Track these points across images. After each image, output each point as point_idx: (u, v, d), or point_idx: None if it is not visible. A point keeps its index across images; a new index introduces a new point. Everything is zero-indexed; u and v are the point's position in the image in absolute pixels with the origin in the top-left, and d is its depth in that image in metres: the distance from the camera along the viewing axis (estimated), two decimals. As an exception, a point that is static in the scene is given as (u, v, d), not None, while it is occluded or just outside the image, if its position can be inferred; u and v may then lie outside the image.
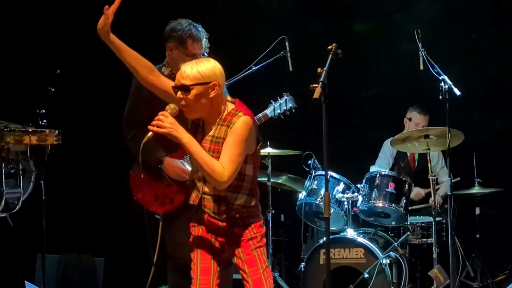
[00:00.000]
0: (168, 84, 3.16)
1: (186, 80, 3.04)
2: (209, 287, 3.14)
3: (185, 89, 3.03)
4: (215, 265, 3.19)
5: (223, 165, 2.97)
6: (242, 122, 3.06)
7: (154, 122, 3.00)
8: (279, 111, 4.28)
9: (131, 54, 3.05)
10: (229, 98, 3.15)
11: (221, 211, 3.10)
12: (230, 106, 3.09)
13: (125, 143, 3.87)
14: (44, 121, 3.83)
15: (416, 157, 5.65)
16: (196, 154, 3.00)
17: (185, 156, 3.80)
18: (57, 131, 3.78)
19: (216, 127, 3.07)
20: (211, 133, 3.09)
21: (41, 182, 4.15)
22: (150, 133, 3.03)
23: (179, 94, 3.03)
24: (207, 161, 3.00)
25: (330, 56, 3.15)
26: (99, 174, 5.87)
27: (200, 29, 3.78)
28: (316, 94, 3.00)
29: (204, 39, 3.77)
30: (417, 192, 5.39)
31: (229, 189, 3.07)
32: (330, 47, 3.19)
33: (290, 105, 4.26)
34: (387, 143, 5.57)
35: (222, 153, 3.02)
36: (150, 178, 3.81)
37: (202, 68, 3.07)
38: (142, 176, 3.72)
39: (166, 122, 3.01)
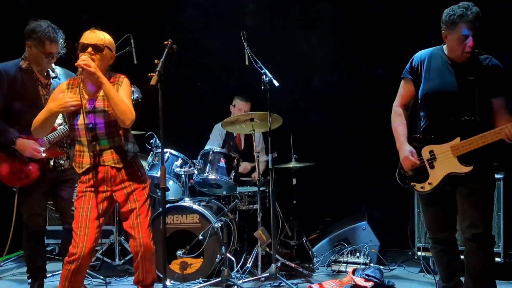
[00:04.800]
0: None
1: (101, 42, 3.33)
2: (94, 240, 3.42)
3: (98, 48, 3.33)
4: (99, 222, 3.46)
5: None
6: (127, 80, 3.47)
7: (81, 63, 3.19)
8: None
9: None
10: None
11: (120, 160, 3.42)
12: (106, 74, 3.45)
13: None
14: None
15: (242, 137, 6.07)
16: (113, 92, 3.30)
17: (43, 139, 3.99)
18: None
19: None
20: (101, 93, 3.40)
21: None
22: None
23: (90, 50, 3.29)
24: (122, 100, 3.32)
25: (166, 49, 3.50)
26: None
27: (58, 31, 3.98)
28: (153, 82, 3.25)
29: (61, 40, 3.97)
30: (244, 166, 5.83)
31: (123, 138, 3.43)
32: (166, 42, 3.50)
33: (137, 95, 4.54)
34: (217, 126, 5.96)
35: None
36: (7, 156, 3.99)
37: (110, 38, 3.43)
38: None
39: (91, 63, 3.24)
